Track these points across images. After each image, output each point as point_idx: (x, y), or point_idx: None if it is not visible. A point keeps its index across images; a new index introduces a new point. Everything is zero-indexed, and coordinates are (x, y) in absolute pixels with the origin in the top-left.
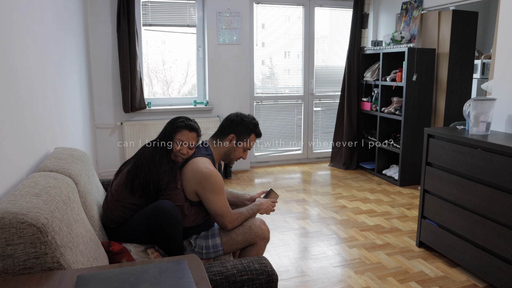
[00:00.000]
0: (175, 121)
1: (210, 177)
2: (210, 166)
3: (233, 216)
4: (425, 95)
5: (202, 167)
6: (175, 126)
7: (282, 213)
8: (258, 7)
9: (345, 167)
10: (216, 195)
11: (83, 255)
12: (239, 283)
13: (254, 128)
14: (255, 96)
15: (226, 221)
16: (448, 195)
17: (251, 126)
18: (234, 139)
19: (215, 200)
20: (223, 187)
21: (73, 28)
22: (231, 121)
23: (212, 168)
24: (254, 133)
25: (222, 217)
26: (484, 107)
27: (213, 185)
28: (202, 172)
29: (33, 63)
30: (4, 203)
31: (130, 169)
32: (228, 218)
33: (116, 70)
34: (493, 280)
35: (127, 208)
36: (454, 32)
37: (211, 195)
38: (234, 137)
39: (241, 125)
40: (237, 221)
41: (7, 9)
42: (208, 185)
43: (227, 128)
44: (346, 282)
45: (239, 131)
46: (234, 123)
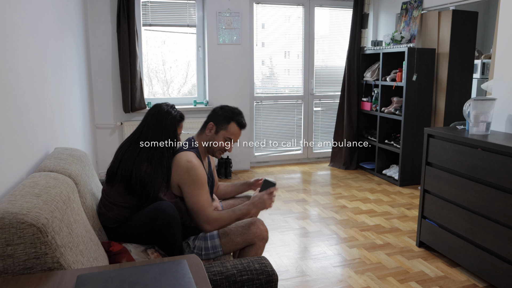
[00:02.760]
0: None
1: (190, 169)
2: (193, 159)
3: (212, 215)
4: (425, 95)
5: (184, 160)
6: (228, 123)
7: (282, 213)
8: (258, 7)
9: (345, 167)
10: (195, 189)
11: (83, 255)
12: (239, 283)
13: (233, 115)
14: (255, 96)
15: (201, 219)
16: (448, 195)
17: (230, 114)
18: (213, 128)
19: (192, 194)
20: (203, 182)
21: (73, 28)
22: (212, 110)
23: (194, 161)
24: (234, 121)
25: (197, 214)
26: (484, 107)
27: (192, 178)
28: (183, 165)
29: (33, 63)
30: (4, 203)
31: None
32: (204, 217)
33: (116, 70)
34: (493, 280)
35: (121, 206)
36: (454, 32)
37: (190, 188)
38: (213, 125)
39: (219, 113)
40: (217, 222)
41: (7, 9)
42: (188, 178)
43: (208, 118)
44: (346, 282)
45: (217, 118)
46: (213, 111)
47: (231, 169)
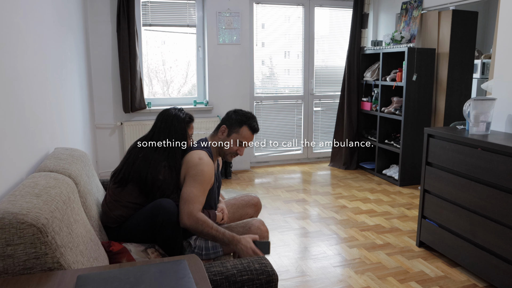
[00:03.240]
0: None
1: (198, 164)
2: (204, 157)
3: (196, 213)
4: (425, 95)
5: (196, 157)
6: (240, 127)
7: (282, 213)
8: (258, 7)
9: (345, 167)
10: (195, 181)
11: (83, 255)
12: (239, 283)
13: (245, 119)
14: (255, 96)
15: (185, 210)
16: (448, 195)
17: (243, 118)
18: (226, 131)
19: (190, 184)
20: (206, 181)
21: (73, 28)
22: (226, 114)
23: (205, 159)
24: (247, 124)
25: (184, 203)
26: (484, 107)
27: (197, 172)
28: (194, 161)
29: (33, 63)
30: (4, 203)
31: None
32: (188, 209)
33: (116, 70)
34: (493, 280)
35: (127, 207)
36: (454, 32)
37: (191, 179)
38: (225, 128)
39: (232, 116)
40: (197, 223)
41: (7, 9)
42: (193, 171)
43: (221, 122)
44: (346, 282)
45: (230, 122)
46: (227, 115)
47: (231, 169)
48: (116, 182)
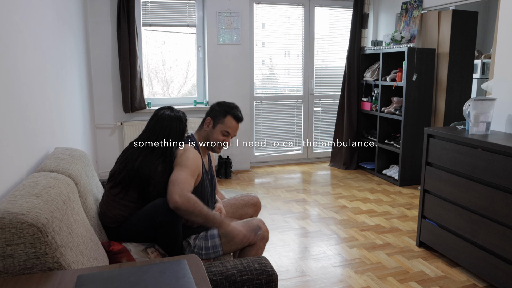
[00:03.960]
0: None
1: (183, 153)
2: (190, 148)
3: (189, 195)
4: (425, 95)
5: (182, 150)
6: (224, 117)
7: (282, 213)
8: (258, 7)
9: (345, 167)
10: (181, 166)
11: (83, 255)
12: (239, 283)
13: (229, 109)
14: (255, 96)
15: (175, 191)
16: (448, 195)
17: (226, 108)
18: (211, 123)
19: (177, 169)
20: (193, 164)
21: (73, 29)
22: (210, 107)
23: (190, 150)
24: (230, 114)
25: (173, 185)
26: (484, 107)
27: (183, 159)
28: (179, 152)
29: (33, 63)
30: (4, 203)
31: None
32: (179, 190)
33: (116, 70)
34: (493, 280)
35: (126, 206)
36: (454, 32)
37: (178, 166)
38: (210, 120)
39: (216, 108)
40: (191, 202)
41: (7, 9)
42: (179, 159)
43: (206, 115)
44: (346, 282)
45: (214, 114)
46: (211, 108)
47: (231, 169)
48: (116, 183)
